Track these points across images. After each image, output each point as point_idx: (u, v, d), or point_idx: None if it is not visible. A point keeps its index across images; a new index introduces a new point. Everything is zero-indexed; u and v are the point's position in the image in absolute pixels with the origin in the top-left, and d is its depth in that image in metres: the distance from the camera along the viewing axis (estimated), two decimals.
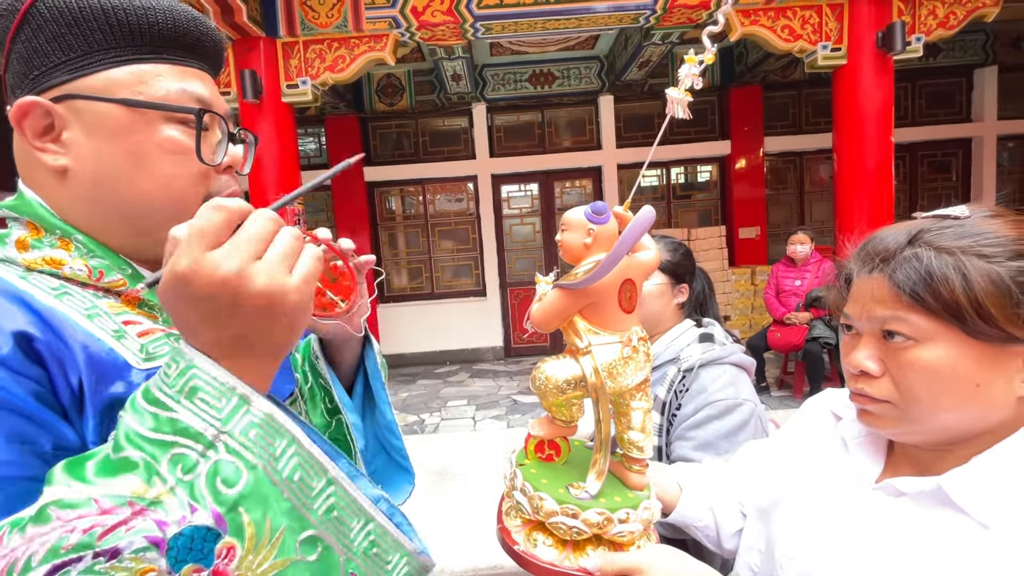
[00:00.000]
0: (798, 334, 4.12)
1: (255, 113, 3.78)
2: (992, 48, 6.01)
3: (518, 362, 6.34)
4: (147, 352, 0.50)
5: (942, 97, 6.33)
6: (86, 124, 0.50)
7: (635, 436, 0.56)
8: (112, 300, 0.52)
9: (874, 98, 3.89)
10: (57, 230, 0.51)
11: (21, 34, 0.49)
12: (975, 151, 6.31)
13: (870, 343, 0.55)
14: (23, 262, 0.49)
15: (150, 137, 0.51)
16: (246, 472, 0.37)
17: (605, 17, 3.91)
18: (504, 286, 6.55)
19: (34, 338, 0.44)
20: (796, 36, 3.89)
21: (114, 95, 0.50)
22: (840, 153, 4.08)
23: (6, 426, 0.41)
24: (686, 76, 0.51)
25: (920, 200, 6.52)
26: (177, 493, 0.35)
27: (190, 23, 0.54)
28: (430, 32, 3.90)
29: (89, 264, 0.51)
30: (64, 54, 0.49)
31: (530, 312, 0.55)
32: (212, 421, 0.37)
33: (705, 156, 6.43)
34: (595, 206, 0.52)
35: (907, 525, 0.53)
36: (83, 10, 0.48)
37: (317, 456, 0.40)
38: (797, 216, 6.63)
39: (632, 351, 0.53)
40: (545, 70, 6.18)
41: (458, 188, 6.54)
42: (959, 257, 0.50)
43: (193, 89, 0.53)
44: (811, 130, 6.37)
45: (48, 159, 0.50)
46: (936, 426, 0.53)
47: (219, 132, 0.56)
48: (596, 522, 0.52)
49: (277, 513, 0.38)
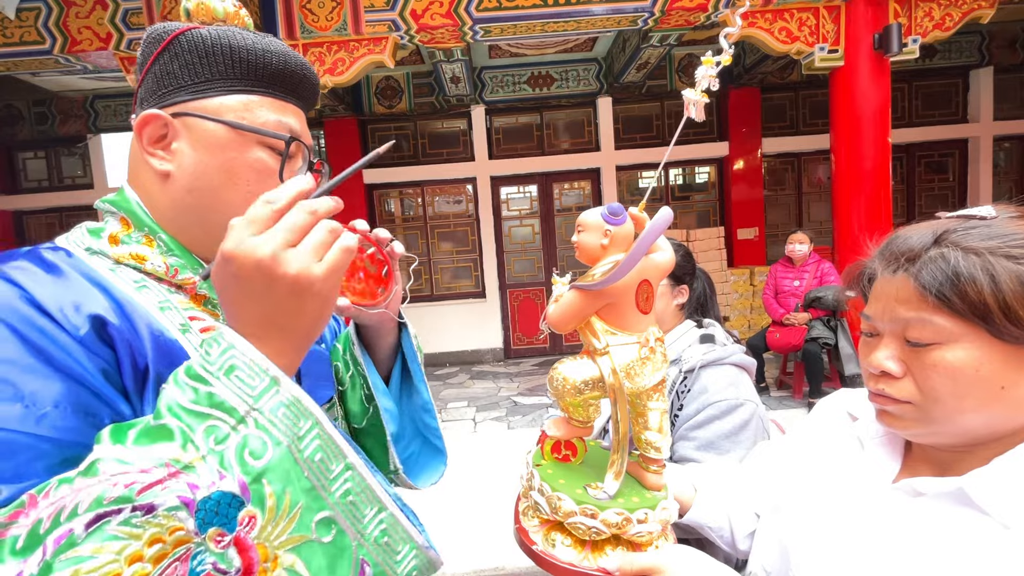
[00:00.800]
0: (797, 335, 4.13)
1: None
2: (988, 49, 6.05)
3: (518, 363, 6.34)
4: None
5: (938, 98, 6.37)
6: (193, 138, 0.57)
7: (652, 436, 0.56)
8: (183, 296, 0.58)
9: (871, 99, 3.90)
10: (145, 228, 0.58)
11: (161, 58, 0.57)
12: (971, 152, 6.35)
13: (892, 343, 0.55)
14: (113, 256, 0.56)
15: (243, 156, 0.58)
16: (271, 447, 0.41)
17: (603, 19, 3.93)
18: (503, 288, 6.55)
19: (108, 323, 0.50)
20: (793, 38, 3.91)
21: (222, 117, 0.57)
22: (838, 154, 4.10)
23: (75, 397, 0.46)
24: (703, 77, 0.52)
25: (917, 201, 6.55)
26: (208, 460, 0.39)
27: (297, 67, 0.61)
28: (429, 35, 3.91)
29: (167, 262, 0.58)
30: (190, 78, 0.57)
31: (546, 313, 0.55)
32: (245, 398, 0.41)
33: (703, 157, 6.45)
34: (612, 207, 0.52)
35: (925, 525, 0.53)
36: (214, 46, 0.57)
37: (337, 440, 0.44)
38: (795, 217, 6.65)
39: (650, 351, 0.53)
40: (544, 72, 6.20)
41: (457, 190, 6.55)
42: (987, 258, 0.49)
43: (287, 121, 0.61)
44: (808, 131, 6.40)
45: (155, 163, 0.58)
46: (958, 428, 0.52)
47: (301, 161, 0.63)
48: (615, 522, 0.52)
49: (297, 490, 0.41)
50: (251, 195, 0.57)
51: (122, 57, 3.81)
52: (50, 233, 6.44)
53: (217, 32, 0.57)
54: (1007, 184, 6.51)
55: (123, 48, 3.73)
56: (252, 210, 0.43)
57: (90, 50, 3.74)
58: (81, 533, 0.36)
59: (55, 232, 4.69)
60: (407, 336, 0.77)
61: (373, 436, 0.76)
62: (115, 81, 5.25)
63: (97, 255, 0.56)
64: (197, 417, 0.40)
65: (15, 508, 0.38)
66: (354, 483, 0.44)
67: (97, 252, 0.56)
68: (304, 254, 0.42)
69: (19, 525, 0.37)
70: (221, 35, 0.57)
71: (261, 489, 0.40)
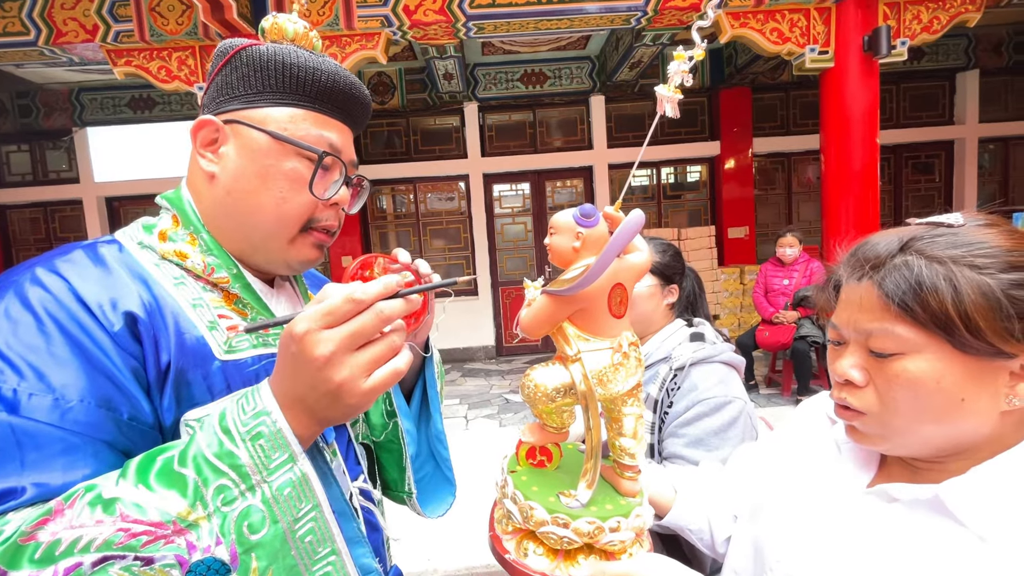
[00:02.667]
0: (786, 333, 4.18)
1: None
2: (974, 52, 6.13)
3: (510, 361, 6.35)
4: (230, 345, 0.60)
5: (925, 100, 6.44)
6: (239, 144, 0.62)
7: (627, 443, 0.55)
8: (215, 294, 0.62)
9: (860, 100, 3.95)
10: (191, 226, 0.63)
11: (224, 70, 0.63)
12: (957, 153, 6.44)
13: (856, 352, 0.54)
14: (159, 251, 0.60)
15: (279, 164, 0.62)
16: (269, 524, 0.45)
17: (597, 18, 3.93)
18: (496, 285, 6.55)
19: (139, 320, 0.54)
20: (785, 39, 3.94)
21: (265, 127, 0.61)
22: (827, 154, 4.14)
23: (100, 391, 0.50)
24: (675, 73, 0.50)
25: (904, 201, 6.64)
26: (212, 521, 0.44)
27: (346, 86, 0.64)
28: (422, 31, 3.89)
29: (206, 260, 0.62)
30: (243, 89, 0.62)
31: (519, 318, 0.54)
32: (261, 468, 0.45)
33: (695, 156, 6.49)
34: (583, 209, 0.50)
35: (899, 531, 0.52)
36: (268, 62, 0.61)
37: (331, 526, 0.49)
38: (785, 216, 6.71)
39: (623, 357, 0.52)
40: (537, 70, 6.19)
41: (449, 187, 6.53)
42: (950, 267, 0.48)
43: (328, 136, 0.64)
44: (798, 131, 6.45)
45: (204, 164, 0.63)
46: (919, 440, 0.52)
47: (337, 175, 0.66)
48: (587, 531, 0.51)
49: (281, 567, 0.46)
50: (283, 201, 0.62)
51: (109, 49, 3.75)
52: (34, 229, 6.34)
53: (274, 49, 0.61)
54: (991, 186, 6.61)
55: (110, 40, 3.67)
56: (333, 302, 0.45)
57: (76, 42, 3.68)
58: (88, 569, 0.41)
59: (39, 227, 4.64)
60: (430, 363, 0.79)
61: (389, 452, 0.78)
62: (101, 74, 5.17)
63: (147, 249, 0.61)
64: (214, 472, 0.44)
65: (43, 515, 0.42)
66: (335, 568, 0.49)
67: (147, 247, 0.61)
68: (356, 367, 0.46)
69: (44, 532, 0.41)
70: (276, 52, 0.61)
71: (248, 561, 0.44)
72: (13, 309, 0.50)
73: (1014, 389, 0.49)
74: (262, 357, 0.63)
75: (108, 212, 6.29)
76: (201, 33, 3.66)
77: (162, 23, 3.66)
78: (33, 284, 0.51)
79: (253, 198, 0.62)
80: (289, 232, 0.64)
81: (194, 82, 3.82)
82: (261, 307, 0.65)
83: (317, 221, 0.65)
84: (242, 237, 0.63)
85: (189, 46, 3.78)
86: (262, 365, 0.62)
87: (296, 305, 0.73)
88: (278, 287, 0.71)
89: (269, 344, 0.64)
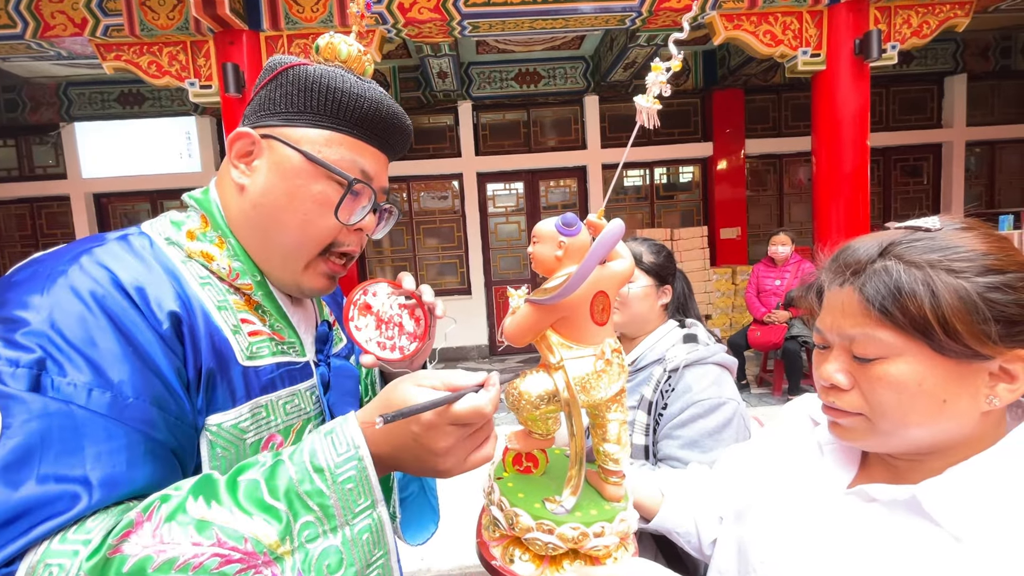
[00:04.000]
0: (777, 333, 4.21)
1: (238, 108, 3.71)
2: (962, 57, 6.21)
3: (503, 360, 6.35)
4: (251, 351, 0.60)
5: (914, 103, 6.52)
6: (272, 160, 0.62)
7: (611, 448, 0.55)
8: (238, 298, 0.62)
9: (851, 103, 3.99)
10: (220, 230, 0.63)
11: (269, 85, 0.63)
12: (945, 156, 6.52)
13: (840, 356, 0.55)
14: (187, 249, 0.60)
15: (308, 185, 0.62)
16: (346, 566, 0.47)
17: (592, 18, 3.93)
18: (489, 284, 6.55)
19: (183, 320, 0.54)
20: (778, 41, 3.97)
21: (300, 146, 0.61)
22: (819, 156, 4.18)
23: (153, 390, 0.50)
24: (653, 84, 0.51)
25: (893, 203, 6.72)
26: (295, 556, 0.45)
27: (388, 116, 0.65)
28: (416, 29, 3.87)
29: (231, 265, 0.62)
30: (285, 107, 0.62)
31: (503, 326, 0.54)
32: (346, 511, 0.48)
33: (688, 157, 6.52)
34: (565, 218, 0.51)
35: (877, 532, 0.53)
36: (314, 83, 0.61)
37: (394, 573, 0.52)
38: (776, 217, 6.76)
39: (606, 364, 0.52)
40: (531, 69, 6.19)
41: (443, 186, 6.51)
42: (927, 272, 0.49)
43: (362, 163, 0.64)
44: (790, 133, 6.50)
45: (235, 175, 0.63)
46: (904, 439, 0.53)
47: (366, 201, 0.66)
48: (571, 537, 0.52)
49: None
50: (307, 222, 0.62)
51: (98, 44, 3.69)
52: (20, 225, 6.24)
53: (321, 71, 0.61)
54: (977, 188, 6.71)
55: (99, 34, 3.62)
56: (466, 407, 0.49)
57: (64, 35, 3.62)
58: None
59: (25, 224, 4.57)
60: None
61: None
62: (90, 68, 5.09)
63: (174, 246, 0.61)
64: (304, 508, 0.46)
65: (126, 527, 0.43)
66: None
67: (175, 243, 0.61)
68: (461, 454, 0.51)
69: (130, 545, 0.42)
70: (323, 74, 0.61)
71: None
72: (66, 301, 0.49)
73: (993, 389, 0.50)
74: (280, 365, 0.63)
75: (96, 209, 6.20)
76: (193, 28, 3.62)
77: (152, 17, 3.61)
78: (83, 275, 0.51)
79: (278, 215, 0.62)
80: (308, 254, 0.64)
81: (185, 77, 3.77)
82: (280, 316, 0.66)
83: (339, 245, 0.66)
84: (262, 252, 0.64)
85: (180, 41, 3.73)
86: (278, 374, 0.63)
87: (311, 321, 0.73)
88: (296, 299, 0.72)
89: (286, 352, 0.65)
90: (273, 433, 0.61)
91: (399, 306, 0.70)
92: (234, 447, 0.57)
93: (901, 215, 4.91)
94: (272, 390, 0.62)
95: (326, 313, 0.78)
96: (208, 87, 3.77)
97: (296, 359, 0.66)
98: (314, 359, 0.70)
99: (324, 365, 0.71)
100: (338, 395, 0.70)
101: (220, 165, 0.66)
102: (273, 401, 0.61)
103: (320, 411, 0.68)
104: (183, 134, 6.06)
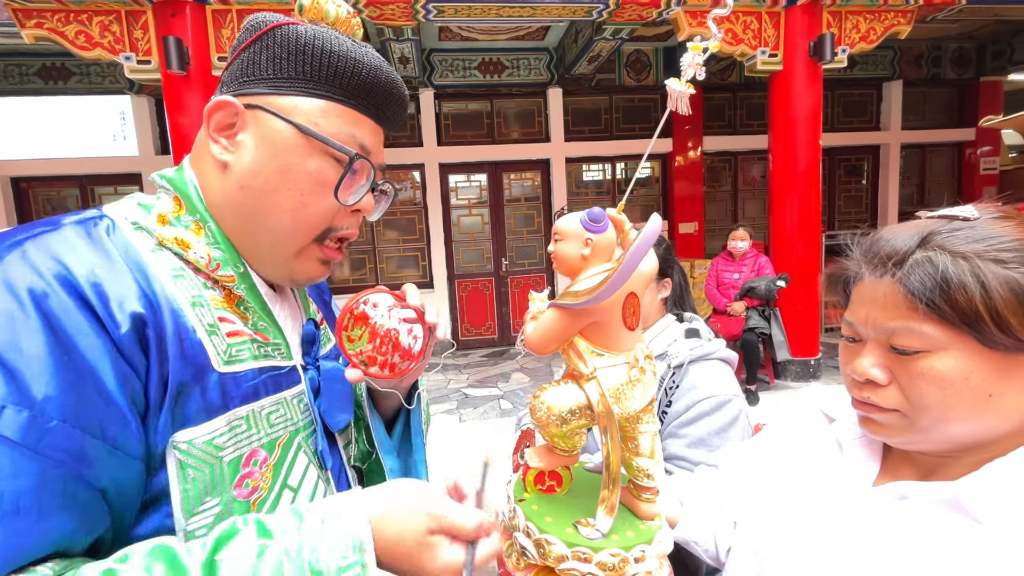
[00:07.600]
0: (737, 324, 4.36)
1: (182, 86, 3.42)
2: (899, 64, 6.65)
3: (466, 355, 6.27)
4: (230, 355, 0.53)
5: (856, 106, 6.92)
6: (259, 134, 0.54)
7: (644, 463, 0.51)
8: (216, 293, 0.54)
9: (805, 103, 4.16)
10: (197, 214, 0.55)
11: (252, 47, 0.54)
12: (883, 157, 6.97)
13: (876, 350, 0.53)
14: (158, 236, 0.52)
15: (303, 162, 0.54)
16: None
17: (559, 8, 3.89)
18: (452, 278, 6.43)
19: (148, 322, 0.46)
20: (739, 40, 4.08)
21: (293, 118, 0.54)
22: (775, 154, 4.34)
23: (88, 412, 0.41)
24: (689, 66, 0.46)
25: (837, 200, 7.11)
26: None
27: (386, 83, 0.57)
28: (378, 11, 3.70)
29: (211, 254, 0.54)
30: (273, 72, 0.54)
31: (524, 333, 0.49)
32: None
33: (649, 153, 6.63)
34: (592, 213, 0.46)
35: (912, 530, 0.51)
36: (306, 45, 0.53)
37: None
38: (731, 213, 7.02)
39: (640, 372, 0.48)
40: (494, 59, 6.09)
41: (404, 176, 6.32)
42: (975, 263, 0.47)
43: (360, 136, 0.57)
44: (745, 131, 6.74)
45: (216, 151, 0.55)
46: (944, 436, 0.51)
47: (364, 179, 0.59)
48: (611, 564, 0.47)
49: None
50: (302, 204, 0.55)
51: (15, 8, 3.30)
52: None
53: (313, 31, 0.54)
54: (910, 188, 7.22)
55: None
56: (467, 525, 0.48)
57: None
58: None
59: None
60: (417, 409, 0.75)
61: (372, 478, 0.75)
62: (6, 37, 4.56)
63: (142, 232, 0.52)
64: None
65: None
66: None
67: (143, 229, 0.52)
68: (454, 567, 0.48)
69: None
70: (317, 35, 0.54)
71: None
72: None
73: None
74: (263, 371, 0.55)
75: (14, 194, 5.60)
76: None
77: None
78: (23, 264, 0.42)
79: (270, 198, 0.54)
80: (303, 240, 0.57)
81: (119, 51, 3.44)
82: (265, 313, 0.58)
83: (336, 229, 0.59)
84: (249, 239, 0.56)
85: (114, 10, 3.39)
86: (261, 380, 0.55)
87: (296, 315, 0.65)
88: (280, 291, 0.64)
89: (271, 356, 0.57)
90: (256, 448, 0.53)
91: (400, 320, 0.64)
92: (208, 467, 0.49)
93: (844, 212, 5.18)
94: (254, 399, 0.54)
95: (312, 311, 0.70)
96: (147, 62, 3.45)
97: (281, 363, 0.58)
98: (301, 362, 0.62)
99: (313, 368, 0.63)
100: (329, 401, 0.63)
101: (161, 149, 0.56)
102: (255, 411, 0.54)
103: (310, 420, 0.61)
104: (117, 114, 5.56)
